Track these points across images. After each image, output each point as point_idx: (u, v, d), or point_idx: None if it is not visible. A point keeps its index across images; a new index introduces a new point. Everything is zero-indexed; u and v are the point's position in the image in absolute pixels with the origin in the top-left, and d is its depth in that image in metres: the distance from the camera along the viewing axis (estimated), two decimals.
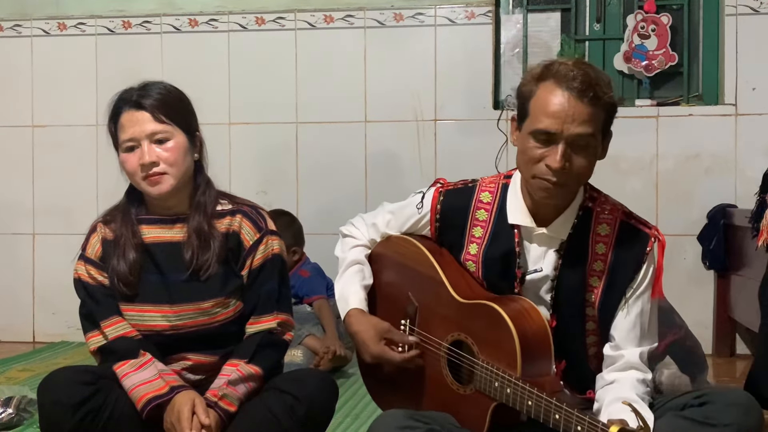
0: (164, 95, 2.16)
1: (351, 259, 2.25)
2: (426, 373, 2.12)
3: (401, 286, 2.20)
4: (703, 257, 3.99)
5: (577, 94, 1.86)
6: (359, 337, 2.16)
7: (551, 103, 1.88)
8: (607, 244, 1.99)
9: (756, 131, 3.98)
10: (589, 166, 1.95)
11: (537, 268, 2.02)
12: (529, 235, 2.03)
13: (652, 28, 4.10)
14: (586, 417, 1.77)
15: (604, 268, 1.99)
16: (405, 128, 4.23)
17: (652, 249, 1.99)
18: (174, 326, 2.16)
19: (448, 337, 2.06)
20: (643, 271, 1.99)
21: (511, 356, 1.91)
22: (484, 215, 2.08)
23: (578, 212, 2.01)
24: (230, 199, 2.27)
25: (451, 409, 2.03)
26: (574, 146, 1.89)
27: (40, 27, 4.47)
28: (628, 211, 2.05)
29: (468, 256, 2.10)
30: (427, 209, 2.15)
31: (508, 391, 1.90)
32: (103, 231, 2.22)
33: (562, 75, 1.88)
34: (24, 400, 2.89)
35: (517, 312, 1.95)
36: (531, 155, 1.92)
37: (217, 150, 4.13)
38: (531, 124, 1.91)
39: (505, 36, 4.28)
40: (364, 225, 2.30)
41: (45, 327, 4.47)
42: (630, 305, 1.99)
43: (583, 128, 1.88)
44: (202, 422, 2.04)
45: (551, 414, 1.82)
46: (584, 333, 2.03)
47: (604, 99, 1.90)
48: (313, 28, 4.29)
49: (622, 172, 4.05)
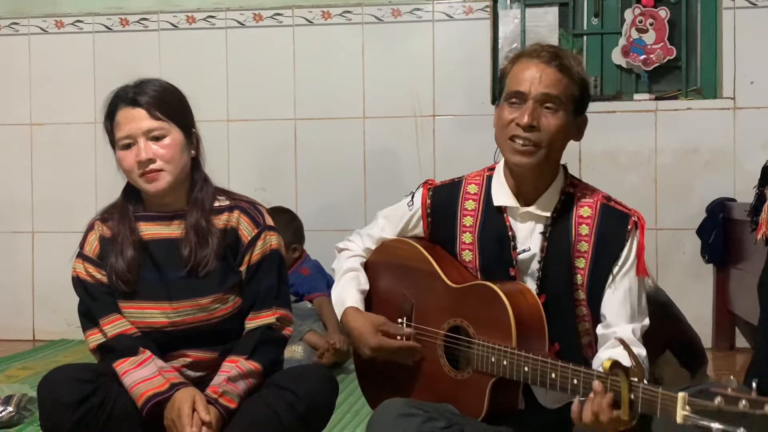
0: (160, 92, 2.16)
1: (346, 267, 2.30)
2: (423, 366, 2.14)
3: (397, 286, 2.23)
4: (702, 251, 3.99)
5: (545, 61, 2.01)
6: (356, 333, 2.18)
7: (524, 70, 2.02)
8: (590, 225, 2.06)
9: (754, 125, 3.98)
10: (559, 131, 2.02)
11: (525, 248, 2.08)
12: (515, 216, 2.10)
13: (650, 22, 4.10)
14: (581, 368, 1.82)
15: (589, 248, 2.05)
16: (403, 124, 4.23)
17: (633, 228, 2.05)
18: (173, 323, 2.16)
19: (445, 325, 2.10)
20: (627, 249, 2.04)
21: (506, 330, 1.96)
22: (473, 204, 2.15)
23: (560, 196, 2.08)
24: (228, 195, 2.27)
25: (450, 398, 2.05)
26: (542, 107, 1.99)
27: (38, 25, 4.46)
28: (608, 195, 2.12)
29: (463, 246, 2.15)
30: (417, 206, 2.22)
31: (504, 363, 1.94)
32: (100, 229, 2.22)
33: (534, 50, 2.05)
34: (24, 398, 2.89)
35: (510, 290, 2.02)
36: (504, 119, 2.03)
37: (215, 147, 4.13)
38: (505, 92, 2.05)
39: (503, 31, 4.27)
40: (358, 237, 2.36)
41: (45, 325, 4.47)
42: (617, 282, 2.04)
43: (549, 89, 1.99)
44: (202, 419, 2.05)
45: (547, 374, 1.87)
46: (575, 318, 2.07)
47: (572, 70, 2.03)
48: (311, 24, 4.28)
49: (621, 167, 4.05)
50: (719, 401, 1.58)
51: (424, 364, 2.14)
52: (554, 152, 2.05)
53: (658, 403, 1.68)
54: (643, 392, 1.70)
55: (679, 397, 1.63)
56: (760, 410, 1.53)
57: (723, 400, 1.58)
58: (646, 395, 1.70)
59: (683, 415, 1.63)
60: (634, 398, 1.71)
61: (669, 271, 3.99)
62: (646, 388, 1.70)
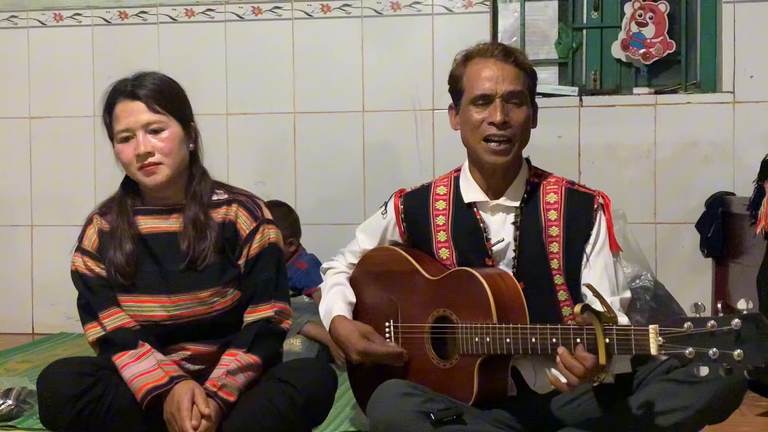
0: (159, 85, 2.16)
1: (331, 283, 2.37)
2: (413, 364, 2.19)
3: (381, 292, 2.29)
4: (701, 245, 3.99)
5: (502, 59, 2.11)
6: (344, 338, 2.24)
7: (482, 71, 2.11)
8: (558, 210, 2.13)
9: (754, 119, 3.97)
10: (526, 123, 2.13)
11: (499, 238, 2.15)
12: (486, 209, 2.18)
13: (650, 15, 4.09)
14: (558, 326, 1.90)
15: (560, 232, 2.12)
16: (403, 118, 4.22)
17: (599, 207, 2.13)
18: (172, 316, 2.16)
19: (429, 318, 2.15)
20: (596, 228, 2.12)
21: (486, 308, 2.01)
22: (443, 204, 2.23)
23: (526, 186, 2.16)
24: (226, 188, 2.27)
25: (442, 388, 2.08)
26: (508, 103, 2.09)
27: (36, 18, 4.45)
28: (571, 180, 2.20)
29: (439, 245, 2.21)
30: (391, 214, 2.31)
31: (487, 340, 1.99)
32: (99, 222, 2.22)
33: (485, 50, 2.15)
34: (23, 391, 2.90)
35: (488, 272, 2.08)
36: (474, 120, 2.11)
37: (214, 141, 4.17)
38: (468, 95, 2.12)
39: (503, 25, 4.26)
40: (341, 255, 2.44)
41: (44, 318, 4.47)
42: (592, 261, 2.11)
43: (513, 85, 2.09)
44: (202, 412, 2.05)
45: (528, 340, 1.93)
46: (558, 303, 2.11)
47: (525, 63, 2.14)
48: (310, 17, 4.28)
49: (620, 161, 4.05)
50: (688, 326, 1.66)
51: (413, 361, 2.18)
52: (523, 144, 2.14)
53: (632, 339, 1.75)
54: (617, 333, 1.77)
55: (651, 330, 1.70)
56: (727, 326, 1.62)
57: (692, 324, 1.66)
58: (620, 335, 1.76)
59: (657, 346, 1.70)
60: (609, 341, 1.77)
61: (668, 265, 3.99)
62: (619, 328, 1.77)
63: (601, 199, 2.14)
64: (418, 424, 1.93)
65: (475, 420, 2.01)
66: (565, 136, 3.98)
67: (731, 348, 1.62)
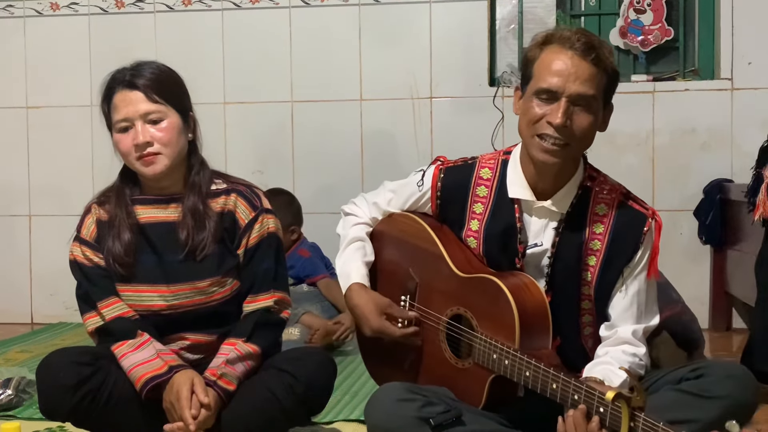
0: (157, 75, 2.15)
1: (352, 236, 2.26)
2: (425, 348, 2.14)
3: (402, 262, 2.21)
4: (699, 232, 3.99)
5: (580, 54, 1.90)
6: (360, 311, 2.17)
7: (555, 62, 1.92)
8: (605, 224, 2.01)
9: (752, 105, 3.97)
10: (590, 129, 1.96)
11: (537, 242, 2.04)
12: (529, 209, 2.05)
13: (648, 2, 4.08)
14: (584, 385, 1.79)
15: (602, 247, 2.00)
16: (401, 106, 4.21)
17: (649, 230, 2.01)
18: (171, 306, 2.16)
19: (448, 311, 2.08)
20: (641, 252, 2.01)
21: (510, 329, 1.92)
22: (485, 191, 2.10)
23: (578, 190, 2.03)
24: (225, 178, 2.26)
25: (448, 383, 2.05)
26: (575, 106, 1.92)
27: (33, 7, 4.44)
28: (627, 192, 2.06)
29: (469, 233, 2.11)
30: (428, 186, 2.17)
31: (506, 363, 1.91)
32: (97, 212, 2.22)
33: (566, 38, 1.93)
34: (23, 381, 2.90)
35: (516, 286, 1.97)
36: (533, 114, 1.94)
37: (212, 130, 4.15)
38: (534, 85, 1.95)
39: (500, 12, 4.25)
40: (365, 203, 2.31)
41: (43, 308, 4.47)
42: (627, 285, 2.01)
43: (585, 87, 1.91)
44: (201, 401, 2.05)
45: (549, 384, 1.83)
46: (579, 311, 2.05)
47: (607, 62, 1.94)
48: (308, 5, 4.26)
49: (618, 148, 4.04)
50: None
51: (425, 346, 2.14)
52: (582, 148, 2.01)
53: None
54: (644, 423, 1.67)
55: None
56: None
57: None
58: (646, 427, 1.67)
59: None
60: (634, 426, 1.68)
61: (666, 252, 3.92)
62: (647, 419, 1.67)
63: (653, 223, 2.00)
64: (418, 429, 1.90)
65: (476, 419, 1.97)
66: None
67: None
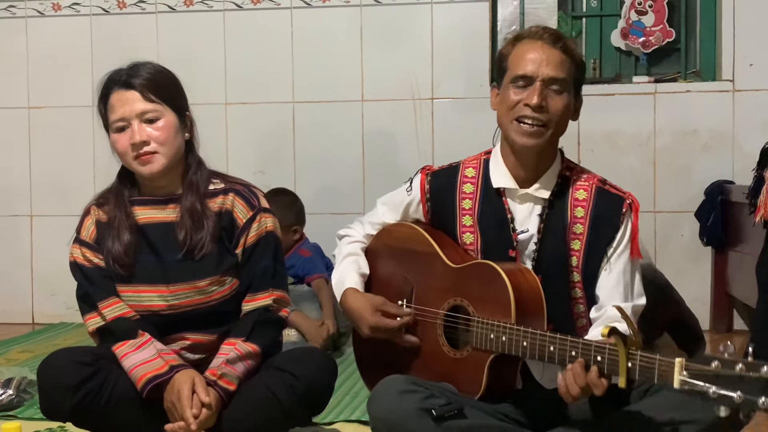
0: (153, 75, 2.16)
1: (346, 252, 2.31)
2: (422, 347, 2.15)
3: (398, 270, 2.24)
4: (700, 234, 3.99)
5: (550, 43, 2.07)
6: (355, 312, 2.19)
7: (527, 52, 2.07)
8: (585, 208, 2.10)
9: (753, 107, 3.97)
10: (564, 112, 2.08)
11: (524, 228, 2.11)
12: (514, 197, 2.13)
13: (649, 4, 4.08)
14: (580, 340, 1.84)
15: (584, 230, 2.08)
16: (402, 107, 4.22)
17: (627, 210, 2.09)
18: (171, 306, 2.17)
19: (445, 304, 2.11)
20: (621, 231, 2.08)
21: (506, 307, 1.98)
22: (471, 188, 2.18)
23: (557, 179, 2.12)
24: (222, 178, 2.27)
25: (449, 377, 2.06)
26: (549, 90, 2.04)
27: (35, 8, 4.44)
28: (603, 179, 2.16)
29: (464, 229, 2.16)
30: (416, 191, 2.24)
31: (503, 339, 1.95)
32: (96, 213, 2.23)
33: (535, 32, 2.10)
34: (24, 381, 2.90)
35: (511, 269, 2.04)
36: (510, 101, 2.07)
37: (214, 130, 4.17)
38: (510, 75, 2.08)
39: (502, 13, 4.26)
40: (359, 224, 2.38)
41: (44, 308, 4.48)
42: (612, 264, 2.07)
43: (557, 71, 2.05)
44: (202, 401, 2.06)
45: (546, 347, 1.88)
46: (570, 300, 2.09)
47: (574, 52, 2.10)
48: (309, 6, 4.27)
49: (620, 149, 4.05)
50: (716, 365, 1.59)
51: (423, 344, 2.15)
52: (558, 133, 2.10)
53: (656, 369, 1.69)
54: (640, 359, 1.71)
55: (676, 363, 1.64)
56: (756, 373, 1.55)
57: (720, 364, 1.58)
58: (643, 362, 1.71)
59: (680, 380, 1.64)
60: (632, 366, 1.73)
61: (667, 253, 3.99)
62: (643, 355, 1.71)
63: (631, 203, 2.10)
64: (420, 421, 1.91)
65: (477, 413, 1.99)
66: None
67: (757, 395, 1.54)
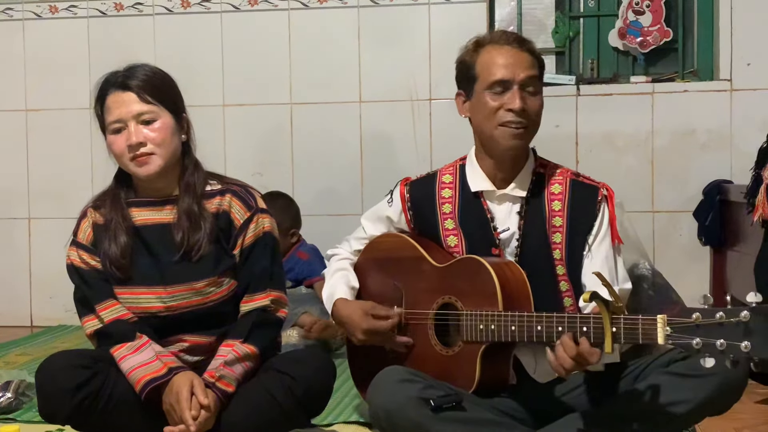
0: (150, 76, 2.16)
1: (335, 268, 2.37)
2: (416, 350, 2.18)
3: (387, 278, 2.29)
4: (698, 233, 3.99)
5: (517, 46, 2.12)
6: (348, 320, 2.24)
7: (497, 57, 2.11)
8: (562, 200, 2.15)
9: (751, 106, 3.97)
10: (540, 111, 2.14)
11: (505, 227, 2.16)
12: (492, 198, 2.18)
13: (647, 4, 4.08)
14: (565, 315, 1.89)
15: (563, 222, 2.13)
16: (400, 108, 4.21)
17: (603, 198, 2.15)
18: (168, 307, 2.17)
19: (434, 305, 2.15)
20: (599, 219, 2.14)
21: (492, 295, 2.02)
22: (449, 192, 2.24)
23: (532, 177, 2.17)
24: (219, 179, 2.27)
25: (443, 376, 2.08)
26: (525, 92, 2.09)
27: (32, 10, 4.44)
28: (576, 172, 2.22)
29: (447, 232, 2.21)
30: (397, 202, 2.30)
31: (492, 328, 1.99)
32: (93, 216, 2.23)
33: (498, 37, 2.16)
34: (22, 384, 2.90)
35: (495, 262, 2.09)
36: (490, 108, 2.11)
37: (211, 132, 4.17)
38: (484, 82, 2.12)
39: (500, 14, 4.25)
40: (346, 242, 2.43)
41: (42, 311, 4.47)
42: (593, 252, 2.12)
43: (530, 72, 2.11)
44: (201, 403, 2.06)
45: (533, 328, 1.93)
46: (559, 293, 2.12)
47: (537, 52, 2.17)
48: (306, 7, 4.26)
49: (617, 149, 4.04)
50: (696, 316, 1.66)
51: (416, 347, 2.18)
52: (535, 131, 2.16)
53: (640, 328, 1.74)
54: (624, 322, 1.76)
55: (658, 319, 1.70)
56: (736, 317, 1.61)
57: (700, 315, 1.66)
58: (627, 324, 1.76)
59: (664, 336, 1.70)
60: (617, 330, 1.76)
61: (666, 253, 3.99)
62: (626, 317, 1.76)
63: (605, 191, 2.16)
64: (418, 410, 1.94)
65: (475, 407, 2.02)
66: (562, 125, 3.97)
67: (739, 339, 1.61)
